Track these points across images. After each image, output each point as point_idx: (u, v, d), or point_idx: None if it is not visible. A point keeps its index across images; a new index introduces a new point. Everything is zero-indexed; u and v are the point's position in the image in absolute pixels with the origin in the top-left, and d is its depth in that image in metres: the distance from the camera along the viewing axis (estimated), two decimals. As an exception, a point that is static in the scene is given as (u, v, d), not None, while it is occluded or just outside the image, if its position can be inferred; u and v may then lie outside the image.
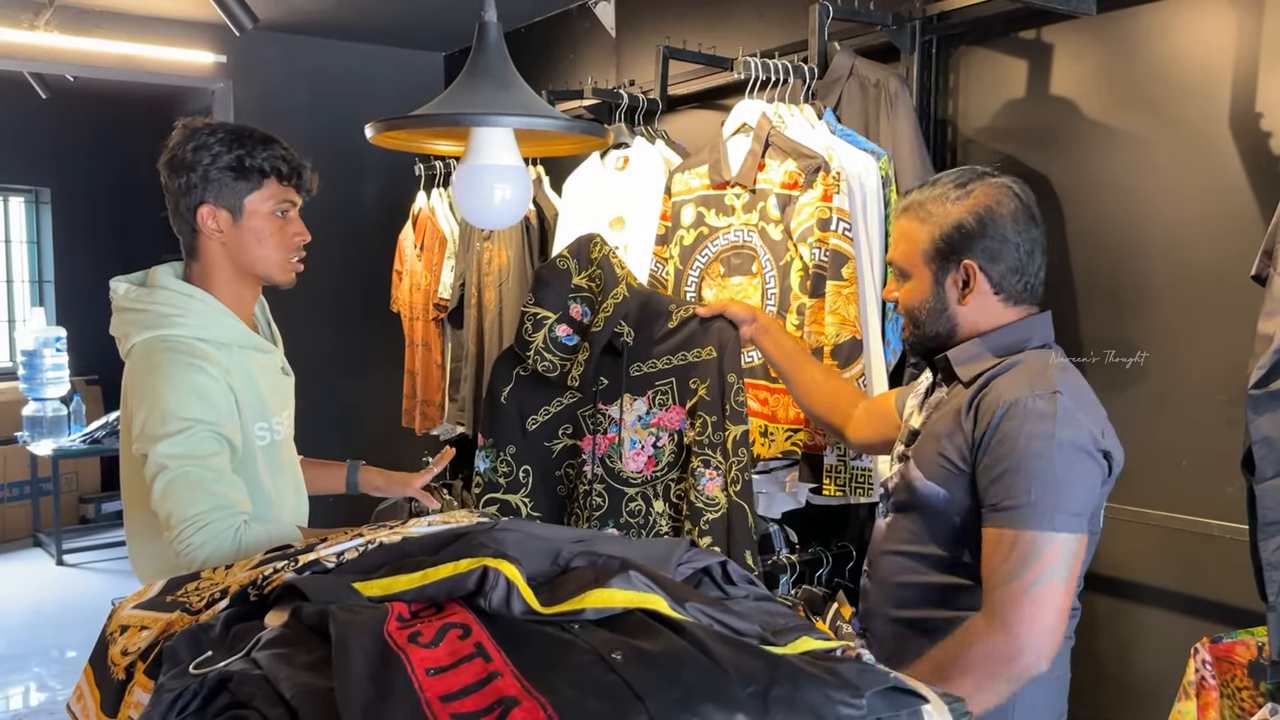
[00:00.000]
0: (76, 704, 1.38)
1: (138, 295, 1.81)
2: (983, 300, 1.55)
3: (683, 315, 2.02)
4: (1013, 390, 1.45)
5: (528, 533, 1.25)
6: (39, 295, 6.86)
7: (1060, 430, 1.40)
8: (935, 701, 1.05)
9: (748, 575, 1.33)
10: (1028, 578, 1.39)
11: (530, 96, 1.39)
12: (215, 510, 1.63)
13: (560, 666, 0.99)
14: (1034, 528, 1.40)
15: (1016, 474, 1.41)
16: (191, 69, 4.08)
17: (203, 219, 1.78)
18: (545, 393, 2.07)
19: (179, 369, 1.67)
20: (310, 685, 0.97)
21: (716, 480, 1.97)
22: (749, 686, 0.96)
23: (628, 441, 2.03)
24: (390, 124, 1.39)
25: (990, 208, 1.53)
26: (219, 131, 1.78)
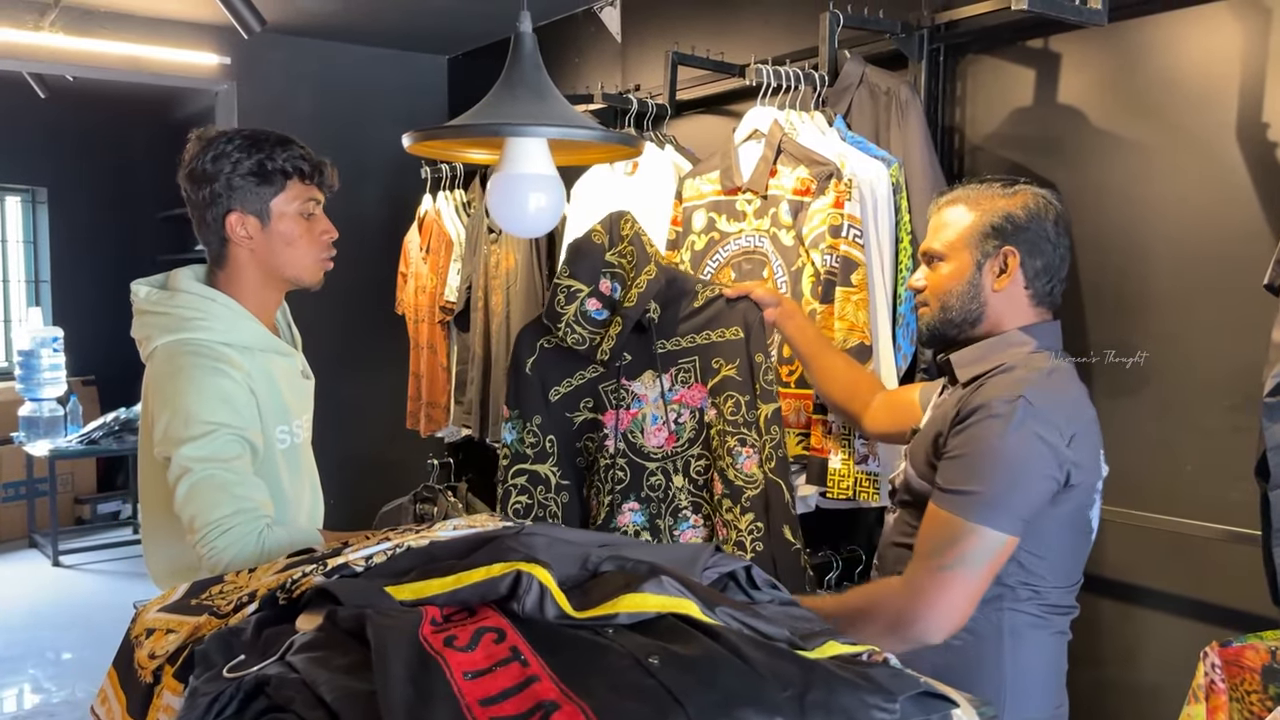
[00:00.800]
0: (101, 707, 1.38)
1: (159, 298, 1.81)
2: (1014, 291, 1.64)
3: (708, 295, 2.06)
4: (991, 391, 1.54)
5: (555, 537, 1.26)
6: (35, 295, 6.84)
7: (1011, 434, 1.47)
8: (965, 706, 1.06)
9: (771, 580, 1.34)
10: (944, 559, 1.48)
11: (565, 107, 1.41)
12: (239, 514, 1.64)
13: (598, 670, 1.00)
14: (962, 515, 1.48)
15: (962, 464, 1.50)
16: (196, 70, 4.08)
17: (231, 227, 1.77)
18: (568, 365, 2.09)
19: (202, 373, 1.68)
20: (350, 689, 0.98)
21: (754, 458, 2.02)
22: (785, 690, 0.97)
23: (649, 417, 2.06)
24: (427, 134, 1.40)
25: (1036, 208, 1.63)
26: (235, 138, 1.77)
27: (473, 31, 4.17)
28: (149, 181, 6.94)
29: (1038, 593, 1.58)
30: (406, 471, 4.14)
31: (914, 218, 2.25)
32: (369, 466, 4.25)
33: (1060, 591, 1.61)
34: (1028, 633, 1.58)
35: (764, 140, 2.32)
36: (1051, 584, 1.59)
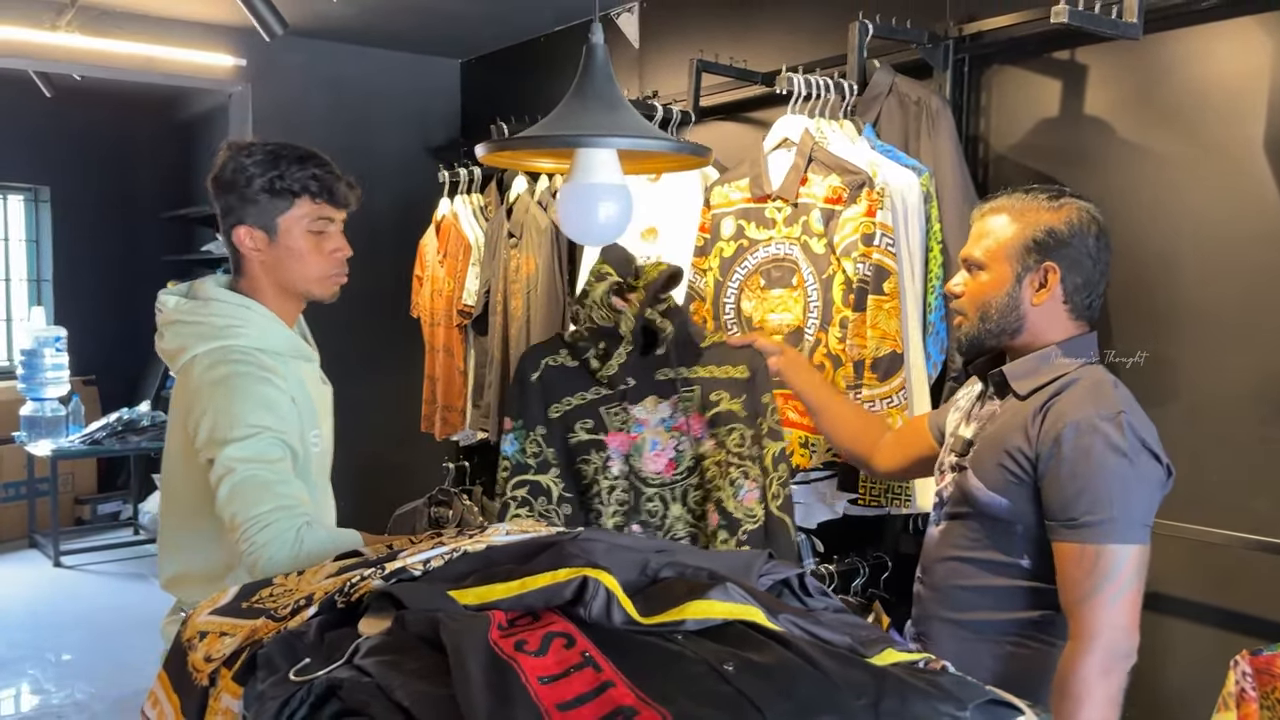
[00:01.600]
0: (152, 710, 1.38)
1: (192, 307, 1.83)
2: (1053, 305, 1.65)
3: (715, 339, 2.08)
4: (1078, 410, 1.54)
5: (613, 543, 1.27)
6: (38, 294, 6.82)
7: (1131, 450, 1.50)
8: (1029, 715, 1.07)
9: (822, 587, 1.35)
10: (1110, 590, 1.50)
11: (635, 117, 1.42)
12: (278, 510, 1.65)
13: (673, 677, 1.00)
14: (1112, 542, 1.50)
15: (1093, 492, 1.50)
16: (210, 72, 4.08)
17: (240, 239, 1.81)
18: (571, 385, 2.09)
19: (248, 380, 1.71)
20: (428, 693, 0.98)
21: (755, 492, 2.01)
22: (860, 698, 0.98)
23: (649, 442, 2.06)
24: (500, 145, 1.42)
25: (1080, 223, 1.64)
26: (256, 153, 1.80)
27: (485, 36, 4.18)
28: (153, 181, 6.92)
29: None
30: (420, 474, 4.14)
31: (944, 227, 2.27)
32: (382, 469, 4.25)
33: None
34: None
35: (794, 148, 2.34)
36: None
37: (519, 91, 4.20)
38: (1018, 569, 1.60)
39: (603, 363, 2.02)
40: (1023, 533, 1.59)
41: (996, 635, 1.61)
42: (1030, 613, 1.58)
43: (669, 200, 2.70)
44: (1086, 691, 1.49)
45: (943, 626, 1.69)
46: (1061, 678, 1.52)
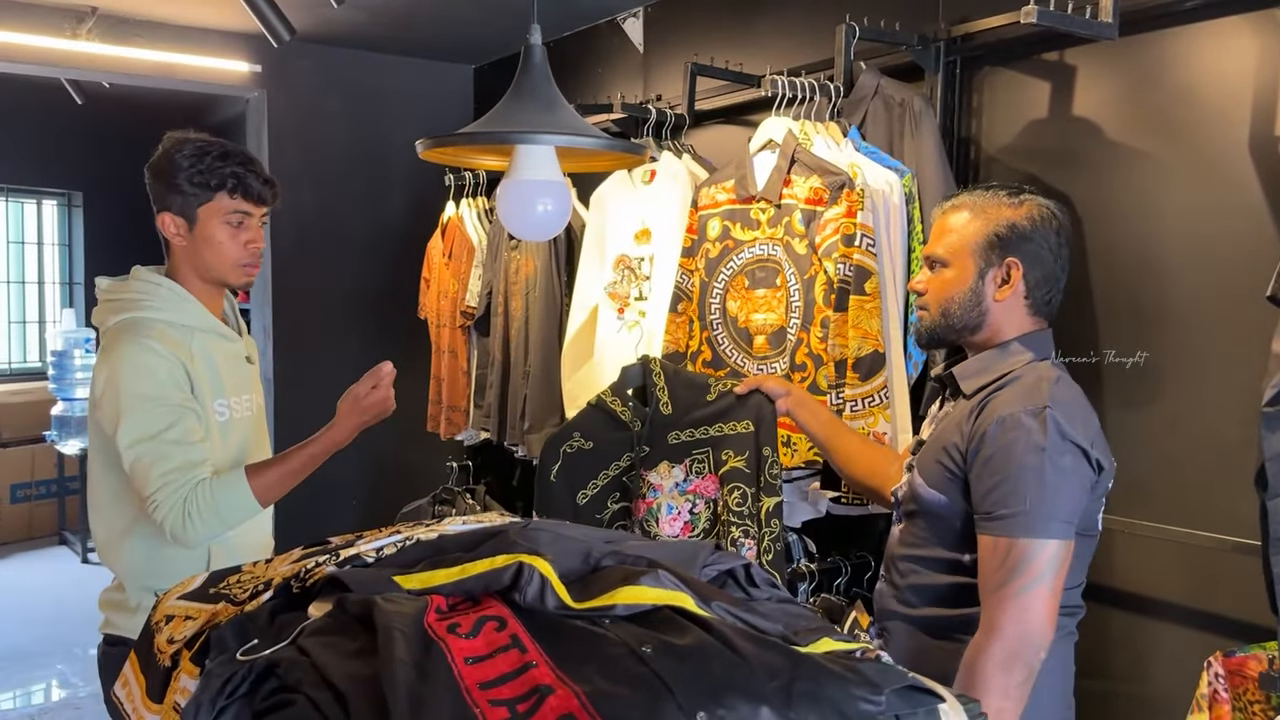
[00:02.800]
0: (122, 690, 1.43)
1: (115, 286, 2.03)
2: (1014, 301, 1.66)
3: (720, 389, 2.11)
4: (1007, 405, 1.55)
5: (559, 533, 1.30)
6: (69, 297, 6.97)
7: (1050, 444, 1.50)
8: (951, 701, 1.09)
9: (770, 579, 1.37)
10: (1017, 584, 1.50)
11: (572, 116, 1.45)
12: (163, 489, 1.83)
13: (593, 658, 1.03)
14: (1024, 536, 1.50)
15: (1009, 485, 1.51)
16: (227, 78, 4.16)
17: (164, 225, 1.98)
18: (594, 465, 2.18)
19: (131, 348, 1.88)
20: (356, 672, 1.02)
21: (753, 550, 2.07)
22: (773, 680, 1.00)
23: (664, 507, 2.12)
24: (439, 141, 1.46)
25: (1041, 219, 1.66)
26: (186, 147, 1.96)
27: (498, 42, 4.23)
28: (181, 187, 7.05)
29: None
30: (426, 473, 4.19)
31: (926, 228, 2.28)
32: (389, 467, 4.31)
33: (1070, 593, 1.64)
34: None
35: (778, 150, 2.36)
36: (1067, 585, 1.61)
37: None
38: (961, 565, 1.61)
39: (631, 421, 2.15)
40: (961, 529, 1.60)
41: (949, 632, 1.62)
42: (976, 609, 1.58)
43: (662, 202, 2.73)
44: (983, 683, 1.48)
45: (900, 624, 1.70)
46: (963, 667, 1.53)
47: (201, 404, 1.93)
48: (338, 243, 4.29)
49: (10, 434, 6.35)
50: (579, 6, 3.62)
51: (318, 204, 4.21)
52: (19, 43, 3.69)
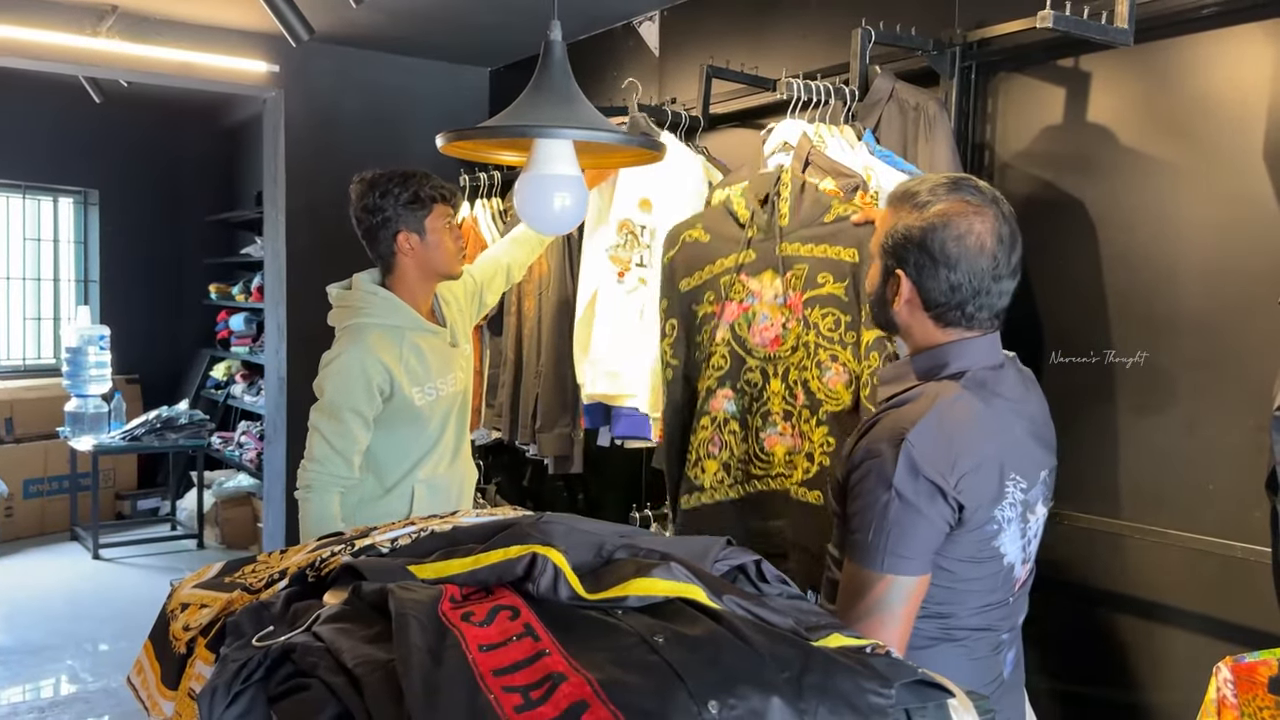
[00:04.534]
0: (137, 677, 1.44)
1: (341, 295, 2.52)
2: (915, 314, 1.55)
3: (839, 213, 2.14)
4: (878, 433, 1.49)
5: (572, 525, 1.31)
6: (85, 294, 7.01)
7: (897, 482, 1.43)
8: (961, 697, 1.10)
9: (781, 575, 1.38)
10: (857, 610, 1.47)
11: (590, 111, 1.46)
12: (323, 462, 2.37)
13: (605, 647, 1.04)
14: (869, 566, 1.46)
15: (859, 516, 1.48)
16: (246, 77, 4.19)
17: (399, 244, 2.42)
18: (704, 257, 2.33)
19: (347, 355, 2.37)
20: (371, 657, 1.03)
21: (842, 376, 2.07)
22: (784, 672, 1.01)
23: (759, 315, 2.20)
24: (459, 134, 1.47)
25: (938, 227, 1.49)
26: (384, 178, 2.41)
27: (514, 44, 4.25)
28: (198, 186, 7.10)
29: (943, 617, 1.54)
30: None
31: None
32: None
33: (971, 616, 1.56)
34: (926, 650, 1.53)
35: (792, 152, 2.36)
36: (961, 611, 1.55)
37: (545, 99, 4.26)
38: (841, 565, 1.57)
39: (749, 223, 2.23)
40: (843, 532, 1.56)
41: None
42: None
43: (667, 176, 2.72)
44: None
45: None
46: None
47: (405, 392, 2.40)
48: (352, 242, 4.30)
49: (24, 430, 6.39)
50: (595, 10, 3.65)
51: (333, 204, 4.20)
52: (39, 40, 3.73)
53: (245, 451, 6.39)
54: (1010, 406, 1.55)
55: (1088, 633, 2.35)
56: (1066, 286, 2.37)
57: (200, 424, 6.28)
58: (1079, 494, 2.29)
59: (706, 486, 2.29)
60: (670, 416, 2.40)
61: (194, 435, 6.22)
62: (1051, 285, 2.38)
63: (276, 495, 4.41)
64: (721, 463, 2.28)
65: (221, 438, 6.61)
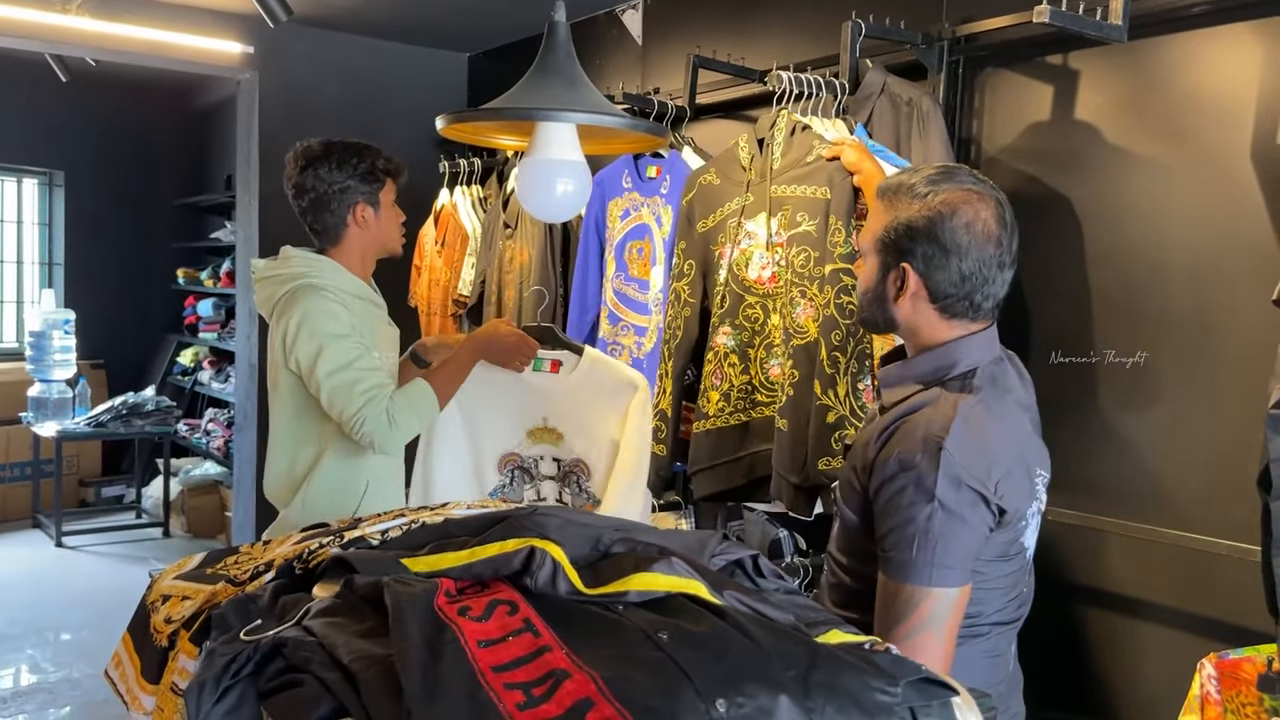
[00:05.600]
0: (115, 670, 1.40)
1: (274, 264, 2.32)
2: (919, 306, 1.49)
3: (820, 152, 2.25)
4: (909, 441, 1.44)
5: (566, 518, 1.28)
6: (48, 277, 6.88)
7: (940, 494, 1.39)
8: (964, 695, 1.08)
9: (777, 570, 1.36)
10: (904, 628, 1.42)
11: (595, 95, 1.43)
12: (366, 405, 2.12)
13: (608, 643, 1.02)
14: (913, 582, 1.41)
15: (899, 531, 1.42)
16: (219, 58, 4.11)
17: (357, 215, 2.30)
18: (715, 200, 2.43)
19: (314, 300, 2.19)
20: (367, 652, 1.00)
21: (809, 311, 2.20)
22: (791, 669, 0.99)
23: (756, 254, 2.31)
24: (460, 116, 1.43)
25: (944, 215, 1.45)
26: (337, 148, 2.31)
27: (493, 30, 4.21)
28: (165, 168, 6.98)
29: (970, 616, 1.51)
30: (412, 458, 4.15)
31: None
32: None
33: (996, 613, 1.54)
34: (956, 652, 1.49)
35: (783, 141, 2.36)
36: (987, 609, 1.53)
37: (525, 86, 4.22)
38: (852, 572, 1.56)
39: (749, 165, 2.32)
40: (855, 539, 1.53)
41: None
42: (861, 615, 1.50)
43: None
44: None
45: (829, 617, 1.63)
46: None
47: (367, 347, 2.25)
48: (327, 228, 4.25)
49: (-15, 415, 6.27)
50: (578, -2, 3.62)
51: (308, 189, 4.17)
52: (6, 16, 3.64)
53: (213, 439, 6.31)
54: (1016, 400, 1.53)
55: (1072, 629, 2.36)
56: (1051, 283, 2.37)
57: (168, 410, 6.19)
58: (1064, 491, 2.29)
59: (711, 414, 2.45)
60: (684, 349, 2.55)
61: (161, 422, 6.13)
62: (1036, 282, 2.38)
63: (246, 483, 4.35)
64: (722, 392, 2.42)
65: (188, 425, 6.52)
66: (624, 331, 2.95)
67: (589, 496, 2.14)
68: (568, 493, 2.17)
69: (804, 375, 2.21)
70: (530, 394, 2.15)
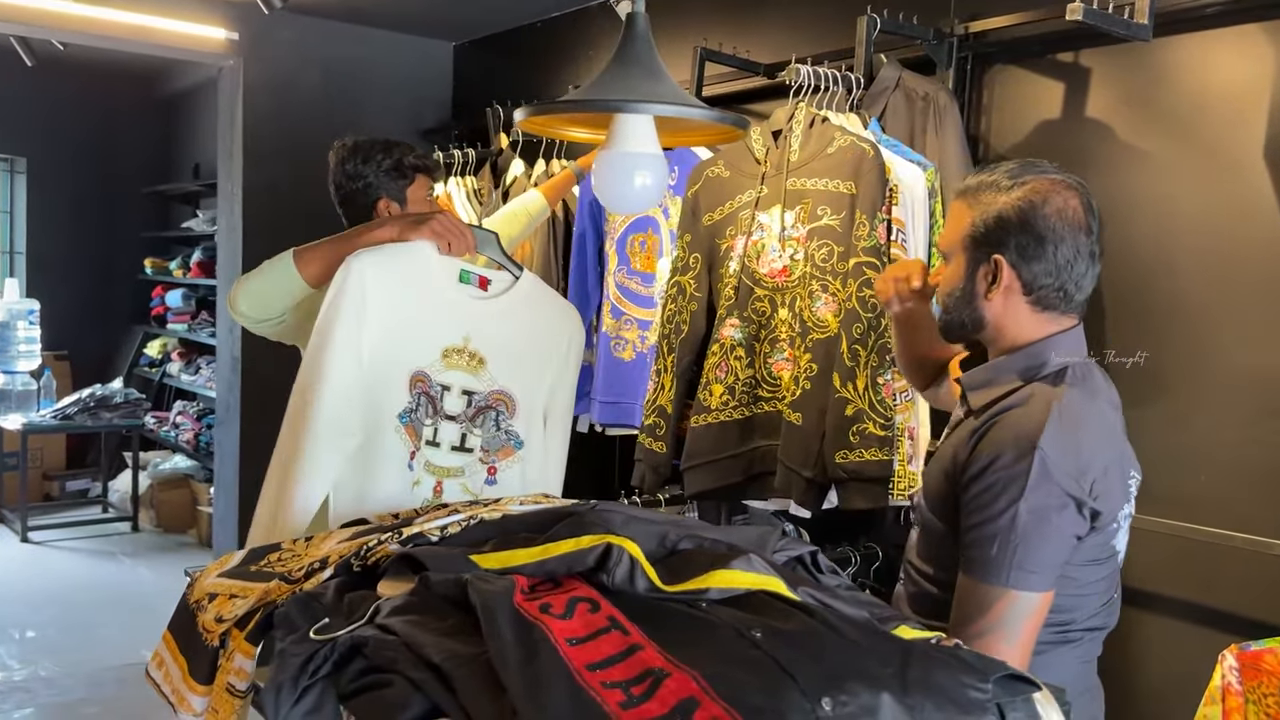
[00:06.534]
0: (157, 671, 1.37)
1: None
2: (1011, 300, 1.47)
3: (841, 144, 2.22)
4: (1003, 441, 1.42)
5: (629, 514, 1.27)
6: (10, 267, 6.71)
7: (1029, 493, 1.38)
8: (1045, 692, 1.09)
9: (834, 566, 1.36)
10: (975, 627, 1.41)
11: (675, 88, 1.41)
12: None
13: (700, 642, 1.01)
14: (992, 581, 1.40)
15: (984, 528, 1.41)
16: (203, 44, 4.03)
17: (380, 210, 2.26)
18: (723, 193, 2.41)
19: None
20: (457, 651, 0.99)
21: (831, 305, 2.19)
22: (887, 666, 0.99)
23: (769, 248, 2.29)
24: (542, 109, 1.41)
25: (1035, 204, 1.43)
26: (368, 145, 2.28)
27: (480, 19, 4.17)
28: (133, 156, 6.83)
29: (1063, 623, 1.50)
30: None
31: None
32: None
33: (1088, 618, 1.53)
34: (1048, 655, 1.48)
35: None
36: (1080, 616, 1.52)
37: (512, 76, 4.19)
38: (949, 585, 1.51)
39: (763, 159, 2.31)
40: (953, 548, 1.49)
41: None
42: None
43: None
44: None
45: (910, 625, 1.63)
46: None
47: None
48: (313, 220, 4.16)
49: (-55, 408, 6.10)
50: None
51: (293, 178, 4.08)
52: (-15, -3, 3.54)
53: (182, 432, 6.19)
54: (1107, 400, 1.52)
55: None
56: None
57: (136, 403, 6.07)
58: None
59: (713, 408, 2.41)
60: (690, 344, 2.52)
61: (129, 415, 6.01)
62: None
63: (228, 479, 4.28)
64: (727, 386, 2.40)
65: (156, 417, 6.39)
66: (628, 326, 2.94)
67: (510, 437, 1.86)
68: (476, 434, 1.84)
69: (822, 369, 2.21)
70: (454, 308, 1.81)
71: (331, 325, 1.70)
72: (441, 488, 1.83)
